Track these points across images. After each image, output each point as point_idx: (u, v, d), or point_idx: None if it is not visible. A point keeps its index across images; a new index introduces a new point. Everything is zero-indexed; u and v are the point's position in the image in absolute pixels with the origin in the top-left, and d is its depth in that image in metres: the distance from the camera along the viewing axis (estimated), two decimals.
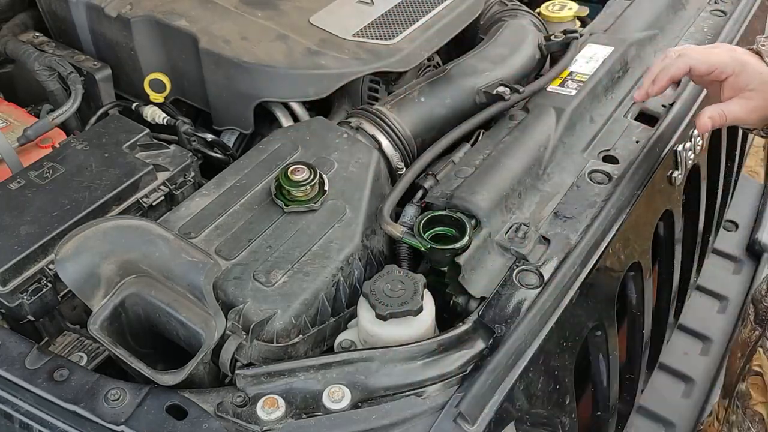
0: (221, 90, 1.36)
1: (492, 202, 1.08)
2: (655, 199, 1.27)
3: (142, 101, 1.44)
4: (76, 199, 1.07)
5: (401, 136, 1.26)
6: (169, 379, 0.84)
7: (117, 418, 0.82)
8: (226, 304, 0.95)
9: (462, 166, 1.18)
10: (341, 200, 1.09)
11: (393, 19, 1.42)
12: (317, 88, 1.31)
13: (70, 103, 1.35)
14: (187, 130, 1.36)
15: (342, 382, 0.87)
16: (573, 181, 1.18)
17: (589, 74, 1.34)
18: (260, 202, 1.09)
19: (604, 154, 1.23)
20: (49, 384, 0.86)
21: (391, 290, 0.92)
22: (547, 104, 1.27)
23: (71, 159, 1.13)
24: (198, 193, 1.11)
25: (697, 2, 1.61)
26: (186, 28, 1.36)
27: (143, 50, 1.41)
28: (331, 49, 1.34)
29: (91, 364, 1.00)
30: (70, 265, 0.89)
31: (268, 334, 0.93)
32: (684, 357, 1.74)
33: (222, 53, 1.31)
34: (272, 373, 0.88)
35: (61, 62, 1.42)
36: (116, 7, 1.41)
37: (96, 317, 0.90)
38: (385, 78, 1.41)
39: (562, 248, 1.06)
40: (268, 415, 0.84)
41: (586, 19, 1.64)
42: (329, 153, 1.17)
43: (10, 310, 0.99)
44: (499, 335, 0.93)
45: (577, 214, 1.11)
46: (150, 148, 1.19)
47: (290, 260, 1.00)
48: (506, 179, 1.12)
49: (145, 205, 1.12)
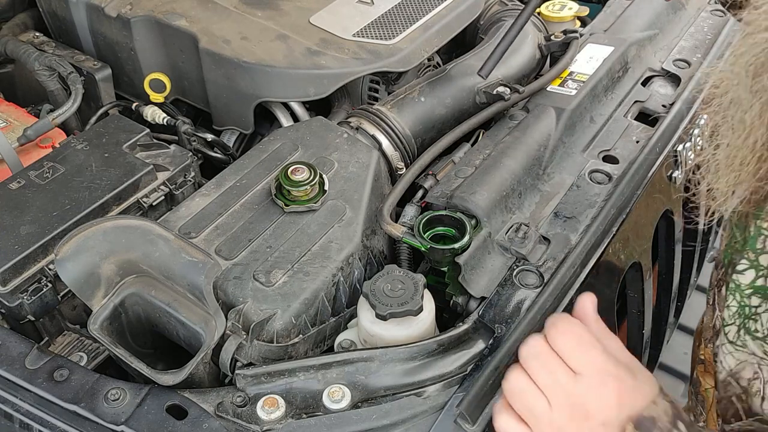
0: (221, 90, 1.36)
1: (492, 201, 1.08)
2: (655, 199, 1.27)
3: (142, 101, 1.44)
4: (76, 199, 1.07)
5: (401, 136, 1.26)
6: (169, 379, 0.84)
7: (117, 418, 0.82)
8: (226, 304, 0.95)
9: (462, 166, 1.18)
10: (341, 200, 1.09)
11: (393, 19, 1.42)
12: (317, 88, 1.31)
13: (70, 103, 1.35)
14: (187, 130, 1.36)
15: (342, 382, 0.87)
16: (573, 181, 1.18)
17: (589, 74, 1.34)
18: (260, 202, 1.09)
19: (604, 154, 1.23)
20: (49, 384, 0.86)
21: (391, 290, 0.92)
22: (547, 104, 1.27)
23: (71, 159, 1.13)
24: (198, 193, 1.11)
25: (697, 2, 1.61)
26: (186, 28, 1.36)
27: (143, 50, 1.41)
28: (331, 49, 1.34)
29: (91, 364, 1.00)
30: (70, 264, 0.89)
31: (268, 334, 0.93)
32: (684, 357, 1.74)
33: (222, 53, 1.31)
34: (272, 373, 0.88)
35: (61, 62, 1.42)
36: (116, 7, 1.41)
37: (96, 317, 0.90)
38: (385, 78, 1.41)
39: (562, 248, 1.05)
40: (268, 415, 0.84)
41: (586, 19, 1.64)
42: (329, 153, 1.17)
43: (10, 310, 0.99)
44: (499, 335, 0.93)
45: (577, 214, 1.11)
46: (150, 148, 1.19)
47: (290, 260, 1.00)
48: (506, 179, 1.12)
49: (145, 205, 1.12)
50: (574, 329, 0.73)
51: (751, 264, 0.76)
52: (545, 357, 0.72)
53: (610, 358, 0.72)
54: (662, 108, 1.33)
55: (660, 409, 0.71)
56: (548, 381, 0.71)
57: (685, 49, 1.48)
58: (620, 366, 0.72)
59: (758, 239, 0.75)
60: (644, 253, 1.27)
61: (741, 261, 0.78)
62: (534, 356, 0.73)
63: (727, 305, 0.79)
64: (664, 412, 0.71)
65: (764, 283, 0.74)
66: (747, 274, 0.76)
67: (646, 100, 1.35)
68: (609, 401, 0.70)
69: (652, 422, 0.70)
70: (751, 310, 0.75)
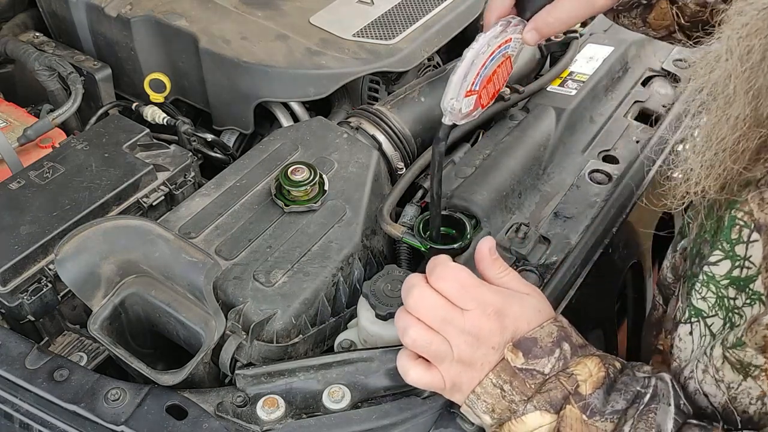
0: (221, 90, 1.36)
1: (492, 202, 1.08)
2: (656, 199, 1.27)
3: (142, 101, 1.44)
4: (76, 199, 1.07)
5: (401, 136, 1.26)
6: (169, 379, 0.84)
7: (117, 418, 0.82)
8: (226, 304, 0.95)
9: (462, 166, 1.18)
10: (341, 200, 1.09)
11: (393, 19, 1.42)
12: (317, 88, 1.31)
13: (70, 103, 1.35)
14: (187, 130, 1.36)
15: (342, 382, 0.87)
16: (573, 181, 1.18)
17: (589, 74, 1.34)
18: (260, 202, 1.09)
19: (604, 154, 1.23)
20: (49, 384, 0.86)
21: (391, 290, 0.92)
22: (547, 104, 1.27)
23: (71, 159, 1.13)
24: (198, 193, 1.11)
25: None
26: (186, 28, 1.36)
27: (143, 50, 1.41)
28: (331, 49, 1.34)
29: (91, 364, 1.00)
30: (70, 265, 0.89)
31: (268, 334, 0.93)
32: None
33: (222, 53, 1.31)
34: (272, 373, 0.88)
35: (61, 62, 1.42)
36: (116, 7, 1.41)
37: (96, 317, 0.90)
38: (385, 78, 1.41)
39: (562, 248, 1.06)
40: (268, 415, 0.84)
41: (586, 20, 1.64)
42: (329, 153, 1.17)
43: (10, 310, 0.99)
44: None
45: (577, 214, 1.11)
46: (150, 148, 1.19)
47: (290, 260, 1.00)
48: (506, 179, 1.12)
49: (145, 205, 1.12)
50: (450, 273, 0.78)
51: (726, 254, 0.75)
52: (432, 302, 0.77)
53: (491, 292, 0.78)
54: (662, 108, 1.33)
55: (544, 332, 0.77)
56: (442, 324, 0.77)
57: (686, 48, 1.48)
58: (506, 298, 0.78)
59: (733, 229, 0.74)
60: (644, 253, 1.27)
61: (714, 252, 0.77)
62: (422, 306, 0.78)
63: (703, 297, 0.78)
64: (548, 334, 0.77)
65: (740, 274, 0.74)
66: (721, 265, 0.76)
67: (646, 100, 1.35)
68: (493, 328, 0.76)
69: (534, 342, 0.76)
70: (731, 302, 0.75)
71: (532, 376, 0.75)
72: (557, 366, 0.75)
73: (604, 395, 0.74)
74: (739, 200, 0.74)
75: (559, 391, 0.74)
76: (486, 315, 0.76)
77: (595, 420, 0.72)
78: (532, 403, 0.74)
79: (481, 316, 0.76)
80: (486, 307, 0.77)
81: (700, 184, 0.75)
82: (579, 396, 0.73)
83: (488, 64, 0.85)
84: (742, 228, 0.73)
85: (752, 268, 0.72)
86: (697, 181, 0.75)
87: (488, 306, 0.77)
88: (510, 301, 0.78)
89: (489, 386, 0.76)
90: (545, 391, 0.74)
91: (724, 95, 0.69)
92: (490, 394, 0.76)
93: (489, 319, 0.76)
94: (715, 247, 0.77)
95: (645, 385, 0.75)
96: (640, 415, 0.72)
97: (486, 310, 0.76)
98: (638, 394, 0.74)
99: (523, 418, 0.74)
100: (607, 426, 0.72)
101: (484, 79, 0.87)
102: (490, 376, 0.75)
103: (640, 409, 0.72)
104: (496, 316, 0.76)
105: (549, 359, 0.75)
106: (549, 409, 0.74)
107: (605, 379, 0.75)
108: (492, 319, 0.76)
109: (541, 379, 0.75)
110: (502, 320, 0.76)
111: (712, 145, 0.72)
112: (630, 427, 0.71)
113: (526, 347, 0.76)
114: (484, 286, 0.79)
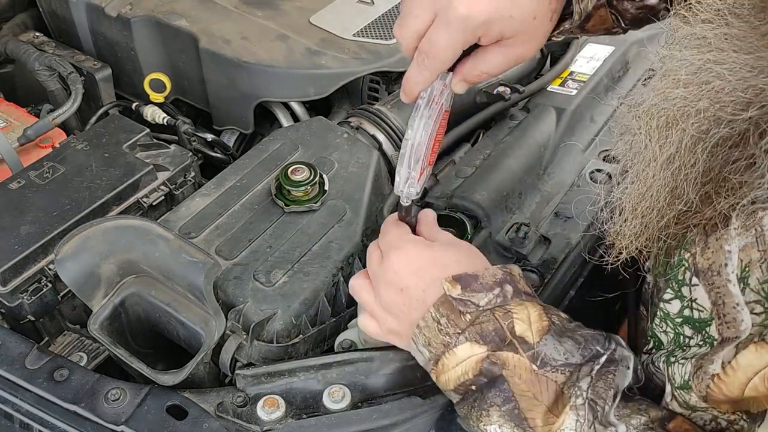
0: (221, 90, 1.36)
1: (492, 201, 1.08)
2: None
3: (142, 101, 1.44)
4: (76, 199, 1.07)
5: (402, 136, 1.26)
6: (169, 379, 0.84)
7: (117, 418, 0.82)
8: (227, 304, 0.95)
9: (462, 166, 1.18)
10: (341, 200, 1.09)
11: (393, 19, 1.42)
12: (317, 88, 1.31)
13: (70, 103, 1.35)
14: (187, 130, 1.36)
15: (342, 382, 0.87)
16: (573, 180, 1.18)
17: (589, 74, 1.34)
18: (260, 202, 1.09)
19: (605, 154, 1.23)
20: (49, 384, 0.86)
21: None
22: (547, 104, 1.27)
23: (71, 159, 1.13)
24: (198, 193, 1.10)
25: None
26: (186, 28, 1.36)
27: (143, 50, 1.41)
28: (332, 49, 1.34)
29: (91, 364, 1.00)
30: (70, 264, 0.89)
31: (269, 334, 0.93)
32: None
33: (222, 53, 1.31)
34: (272, 373, 0.88)
35: (61, 62, 1.42)
36: (116, 7, 1.41)
37: (96, 317, 0.89)
38: (386, 78, 1.41)
39: (562, 248, 1.05)
40: (268, 415, 0.84)
41: None
42: (329, 153, 1.17)
43: (10, 310, 0.99)
44: None
45: (578, 213, 1.11)
46: (150, 148, 1.19)
47: (290, 260, 1.00)
48: (506, 179, 1.12)
49: (145, 205, 1.12)
50: (385, 228, 0.86)
51: (675, 294, 0.74)
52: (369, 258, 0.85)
53: (426, 247, 0.82)
54: None
55: (488, 273, 0.78)
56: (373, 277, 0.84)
57: None
58: (442, 250, 0.81)
59: (680, 270, 0.73)
60: None
61: (666, 289, 0.76)
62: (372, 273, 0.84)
63: (664, 331, 0.77)
64: (492, 275, 0.77)
65: (691, 314, 0.72)
66: (673, 303, 0.75)
67: None
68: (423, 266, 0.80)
69: (474, 278, 0.77)
70: (687, 340, 0.73)
71: (465, 305, 0.75)
72: (494, 302, 0.75)
73: (554, 343, 0.73)
74: (689, 240, 0.72)
75: (491, 323, 0.74)
76: (408, 258, 0.80)
77: (546, 371, 0.71)
78: (464, 335, 0.74)
79: (404, 261, 0.80)
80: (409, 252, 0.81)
81: (632, 245, 0.75)
82: (527, 345, 0.73)
83: (432, 134, 0.82)
84: (686, 270, 0.72)
85: (704, 312, 0.70)
86: (629, 243, 0.75)
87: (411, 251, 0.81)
88: (444, 253, 0.81)
89: (429, 320, 0.77)
90: (477, 323, 0.74)
91: (645, 172, 0.70)
92: (429, 328, 0.77)
93: (419, 256, 0.80)
94: (668, 284, 0.75)
95: (606, 347, 0.74)
96: (599, 374, 0.71)
97: (409, 254, 0.81)
98: (597, 353, 0.73)
99: (454, 350, 0.75)
100: (558, 377, 0.71)
101: (431, 148, 0.84)
102: (431, 310, 0.76)
103: (597, 369, 0.71)
104: (429, 263, 0.80)
105: (486, 294, 0.76)
106: (479, 341, 0.73)
107: (550, 327, 0.74)
108: (423, 256, 0.80)
109: (474, 310, 0.75)
110: (434, 257, 0.80)
111: (638, 214, 0.72)
112: (588, 384, 0.70)
113: (465, 281, 0.76)
114: (422, 244, 0.82)
